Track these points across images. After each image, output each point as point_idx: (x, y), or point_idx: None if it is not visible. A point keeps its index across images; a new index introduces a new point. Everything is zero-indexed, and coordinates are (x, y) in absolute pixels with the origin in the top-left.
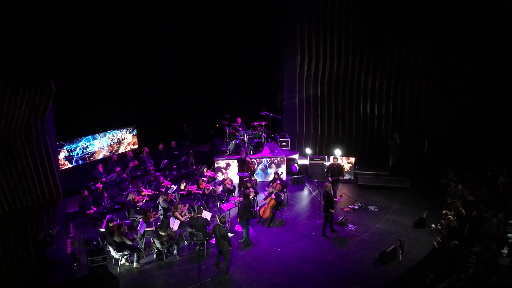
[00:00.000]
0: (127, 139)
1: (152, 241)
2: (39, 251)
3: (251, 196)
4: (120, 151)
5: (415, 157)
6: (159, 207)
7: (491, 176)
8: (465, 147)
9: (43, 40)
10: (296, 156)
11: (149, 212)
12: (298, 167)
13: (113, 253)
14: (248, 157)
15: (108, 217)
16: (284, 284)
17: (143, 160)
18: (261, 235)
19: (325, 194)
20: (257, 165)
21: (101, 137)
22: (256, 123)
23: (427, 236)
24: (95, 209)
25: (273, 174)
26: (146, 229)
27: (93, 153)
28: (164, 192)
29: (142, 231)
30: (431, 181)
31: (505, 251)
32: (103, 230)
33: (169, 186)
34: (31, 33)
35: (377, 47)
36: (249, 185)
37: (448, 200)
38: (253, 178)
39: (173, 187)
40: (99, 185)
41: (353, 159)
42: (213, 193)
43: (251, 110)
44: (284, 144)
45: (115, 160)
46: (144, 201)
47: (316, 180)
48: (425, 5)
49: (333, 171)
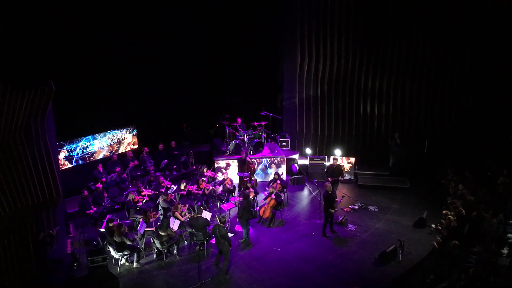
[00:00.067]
0: (127, 139)
1: (152, 241)
2: (39, 251)
3: (251, 196)
4: (120, 151)
5: (415, 157)
6: (159, 207)
7: (491, 176)
8: (465, 147)
9: (43, 40)
10: (296, 156)
11: (149, 212)
12: (298, 167)
13: (113, 253)
14: (248, 157)
15: (108, 217)
16: (284, 284)
17: (143, 160)
18: (261, 235)
19: (325, 194)
20: (257, 165)
21: (101, 137)
22: (256, 123)
23: (427, 236)
24: (95, 209)
25: (273, 174)
26: (146, 229)
27: (93, 153)
28: (164, 192)
29: (142, 231)
30: (431, 181)
31: (505, 251)
32: (103, 230)
33: (169, 186)
34: (31, 33)
35: (377, 47)
36: (249, 185)
37: (448, 200)
38: (253, 178)
39: (173, 187)
40: (99, 185)
41: (353, 159)
42: (213, 193)
43: (251, 110)
44: (284, 144)
45: (115, 160)
46: (144, 201)
47: (316, 180)
48: (425, 5)
49: (333, 171)
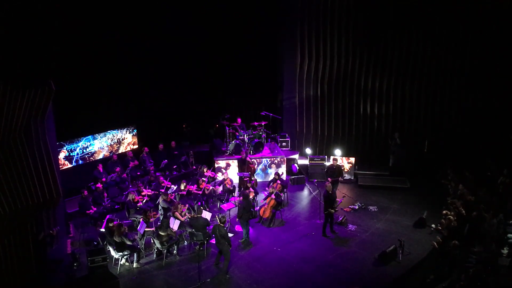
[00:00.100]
0: (127, 139)
1: (152, 241)
2: (39, 251)
3: (251, 196)
4: (120, 151)
5: (415, 157)
6: (159, 207)
7: (491, 176)
8: (465, 147)
9: (43, 40)
10: (296, 156)
11: (149, 212)
12: (298, 167)
13: (113, 253)
14: (248, 157)
15: (108, 217)
16: (284, 284)
17: (143, 160)
18: (261, 235)
19: (325, 194)
20: (257, 165)
21: (101, 137)
22: (256, 123)
23: (427, 236)
24: (95, 209)
25: (273, 174)
26: (146, 229)
27: (93, 153)
28: (164, 192)
29: (142, 231)
30: (431, 181)
31: (505, 251)
32: (103, 230)
33: (169, 186)
34: (31, 33)
35: (377, 47)
36: (249, 185)
37: (448, 200)
38: (253, 178)
39: (173, 187)
40: (99, 185)
41: (353, 159)
42: (213, 193)
43: (251, 110)
44: (284, 144)
45: (115, 160)
46: (144, 201)
47: (316, 180)
48: (425, 5)
49: (333, 172)
